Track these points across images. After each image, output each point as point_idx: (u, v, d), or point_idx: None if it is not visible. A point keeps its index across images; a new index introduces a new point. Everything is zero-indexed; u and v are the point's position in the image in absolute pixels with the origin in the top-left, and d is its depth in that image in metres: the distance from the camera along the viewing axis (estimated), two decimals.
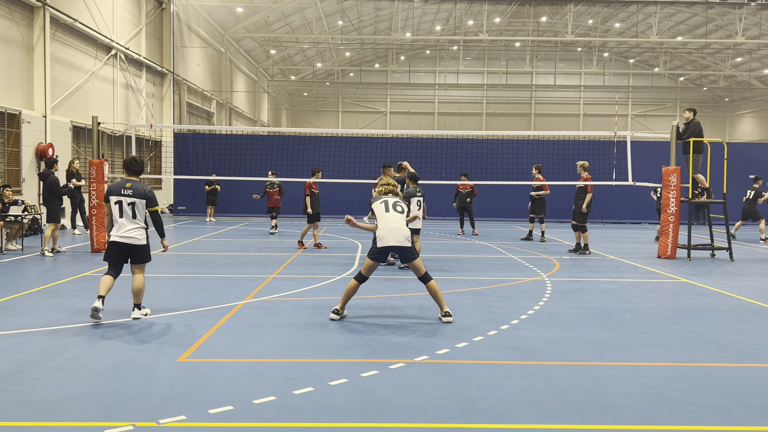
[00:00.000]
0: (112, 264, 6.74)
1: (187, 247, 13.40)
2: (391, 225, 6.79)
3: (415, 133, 28.09)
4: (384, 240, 6.73)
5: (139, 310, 6.76)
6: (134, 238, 6.68)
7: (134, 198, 6.72)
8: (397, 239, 6.73)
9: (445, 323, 6.64)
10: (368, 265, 6.83)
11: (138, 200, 6.74)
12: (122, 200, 6.70)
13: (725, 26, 36.00)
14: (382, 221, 6.84)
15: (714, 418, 4.17)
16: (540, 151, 21.92)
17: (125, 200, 6.69)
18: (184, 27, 27.74)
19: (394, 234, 6.74)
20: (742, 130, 48.91)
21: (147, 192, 6.79)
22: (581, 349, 5.77)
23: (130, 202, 6.70)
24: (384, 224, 6.81)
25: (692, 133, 12.49)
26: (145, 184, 6.88)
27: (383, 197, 7.14)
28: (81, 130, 18.91)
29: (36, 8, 16.42)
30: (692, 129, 12.52)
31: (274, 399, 4.35)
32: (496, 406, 4.29)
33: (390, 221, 6.82)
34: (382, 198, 7.11)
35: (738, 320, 7.06)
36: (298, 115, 51.96)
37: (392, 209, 6.95)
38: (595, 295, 8.42)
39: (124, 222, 6.69)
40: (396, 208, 6.99)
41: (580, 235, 13.30)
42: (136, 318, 6.69)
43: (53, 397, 4.37)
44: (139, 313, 6.75)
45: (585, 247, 13.20)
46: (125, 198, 6.70)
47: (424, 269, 6.81)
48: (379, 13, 37.78)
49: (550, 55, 47.24)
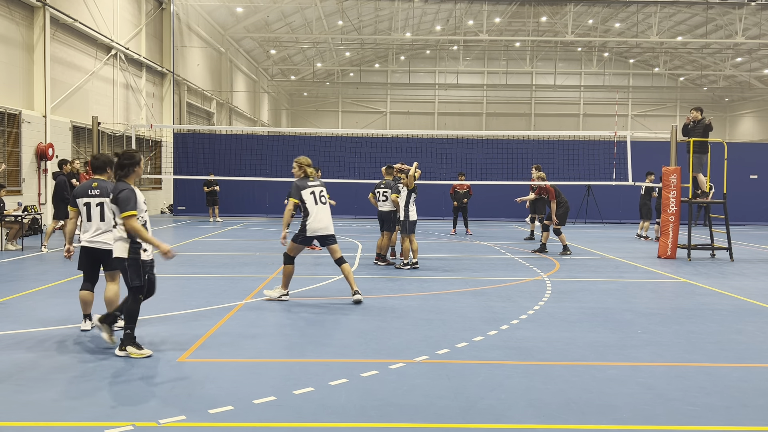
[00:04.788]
0: (86, 274, 6.15)
1: (187, 247, 13.39)
2: (321, 215, 7.66)
3: (415, 133, 28.09)
4: (313, 229, 7.62)
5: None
6: (104, 243, 6.00)
7: (101, 198, 6.09)
8: (327, 227, 7.70)
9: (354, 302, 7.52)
10: (294, 247, 7.73)
11: (105, 200, 6.04)
12: (90, 201, 6.10)
13: (725, 26, 35.99)
14: (312, 211, 7.65)
15: (714, 418, 4.16)
16: (540, 151, 21.91)
17: (93, 201, 6.09)
18: (184, 27, 27.74)
19: (325, 222, 7.68)
20: (742, 130, 48.90)
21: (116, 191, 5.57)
22: (581, 349, 5.77)
23: (98, 202, 6.08)
24: (315, 214, 7.64)
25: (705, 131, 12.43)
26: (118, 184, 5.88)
27: (310, 186, 7.75)
28: (81, 130, 18.90)
29: (36, 8, 16.42)
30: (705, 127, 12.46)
31: (274, 399, 4.35)
32: (496, 406, 4.29)
33: (319, 211, 7.67)
34: (309, 187, 7.73)
35: (738, 320, 7.06)
36: (298, 115, 51.96)
37: (319, 200, 7.73)
38: (595, 295, 8.42)
39: (92, 225, 6.08)
40: (322, 199, 7.75)
41: (548, 236, 13.30)
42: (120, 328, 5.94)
43: (53, 397, 4.36)
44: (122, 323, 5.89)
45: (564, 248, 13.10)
46: (92, 199, 6.09)
47: (340, 253, 7.80)
48: (379, 13, 37.77)
49: (550, 55, 47.23)
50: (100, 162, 6.29)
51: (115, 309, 5.74)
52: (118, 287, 6.07)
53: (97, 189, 6.13)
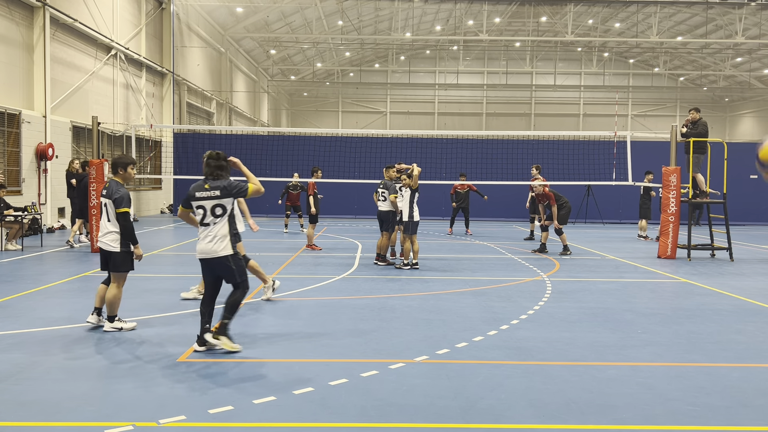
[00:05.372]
0: (106, 271, 6.27)
1: (187, 247, 13.39)
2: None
3: (415, 133, 28.07)
4: None
5: (109, 323, 6.14)
6: (106, 243, 6.09)
7: (104, 198, 6.14)
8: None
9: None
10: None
11: (107, 200, 6.11)
12: (102, 201, 6.18)
13: (725, 26, 35.98)
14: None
15: (714, 418, 4.16)
16: (540, 151, 21.91)
17: (102, 201, 6.18)
18: (184, 27, 27.73)
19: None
20: (742, 130, 48.89)
21: (113, 192, 6.07)
22: (581, 349, 5.77)
23: (105, 202, 6.16)
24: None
25: (700, 132, 12.48)
26: (120, 183, 6.22)
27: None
28: (81, 130, 18.90)
29: (36, 8, 16.41)
30: (701, 128, 12.52)
31: (274, 399, 4.35)
32: (496, 406, 4.29)
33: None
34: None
35: (738, 320, 7.06)
36: (298, 115, 51.94)
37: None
38: (595, 295, 8.42)
39: (102, 225, 6.18)
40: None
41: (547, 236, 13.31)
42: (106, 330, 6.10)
43: (53, 397, 4.37)
44: (109, 326, 6.12)
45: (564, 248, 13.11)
46: (102, 199, 6.18)
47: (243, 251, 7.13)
48: (379, 13, 37.76)
49: (550, 55, 47.22)
50: (113, 162, 6.39)
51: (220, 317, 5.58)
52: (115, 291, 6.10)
53: (104, 189, 6.24)
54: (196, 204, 5.50)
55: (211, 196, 5.45)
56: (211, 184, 5.51)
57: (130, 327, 6.20)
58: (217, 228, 5.46)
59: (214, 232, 5.46)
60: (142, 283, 8.90)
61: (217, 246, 5.43)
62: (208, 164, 5.59)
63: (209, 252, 5.46)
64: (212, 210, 5.46)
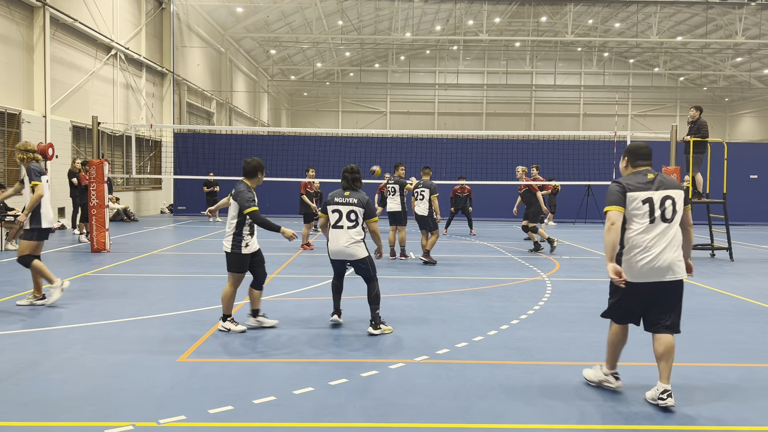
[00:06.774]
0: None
1: (187, 247, 13.39)
2: None
3: (415, 133, 28.07)
4: None
5: (221, 321, 6.24)
6: (223, 245, 6.41)
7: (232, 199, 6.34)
8: None
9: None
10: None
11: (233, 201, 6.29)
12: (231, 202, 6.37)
13: (725, 26, 35.99)
14: None
15: (713, 418, 4.16)
16: (540, 151, 21.91)
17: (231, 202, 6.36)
18: (184, 27, 27.73)
19: None
20: (742, 130, 48.91)
21: (233, 193, 6.25)
22: (581, 349, 5.77)
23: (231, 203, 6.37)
24: None
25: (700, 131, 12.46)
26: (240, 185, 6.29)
27: None
28: (81, 130, 18.90)
29: (36, 8, 16.41)
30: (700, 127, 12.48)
31: (274, 399, 4.35)
32: (496, 406, 4.29)
33: None
34: None
35: (738, 320, 7.06)
36: (298, 115, 51.95)
37: None
38: (595, 295, 8.42)
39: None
40: None
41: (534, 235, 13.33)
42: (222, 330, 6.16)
43: (53, 397, 4.37)
44: (220, 324, 6.22)
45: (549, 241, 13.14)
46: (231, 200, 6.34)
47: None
48: (379, 13, 37.77)
49: (550, 55, 47.22)
50: (250, 167, 6.35)
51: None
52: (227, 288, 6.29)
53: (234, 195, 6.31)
54: (332, 208, 6.34)
55: (348, 202, 6.30)
56: (351, 193, 6.38)
57: (239, 330, 6.18)
58: (353, 232, 6.28)
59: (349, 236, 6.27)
60: (142, 282, 8.90)
61: (353, 250, 6.26)
62: (344, 177, 6.43)
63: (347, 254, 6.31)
64: (347, 215, 6.30)
